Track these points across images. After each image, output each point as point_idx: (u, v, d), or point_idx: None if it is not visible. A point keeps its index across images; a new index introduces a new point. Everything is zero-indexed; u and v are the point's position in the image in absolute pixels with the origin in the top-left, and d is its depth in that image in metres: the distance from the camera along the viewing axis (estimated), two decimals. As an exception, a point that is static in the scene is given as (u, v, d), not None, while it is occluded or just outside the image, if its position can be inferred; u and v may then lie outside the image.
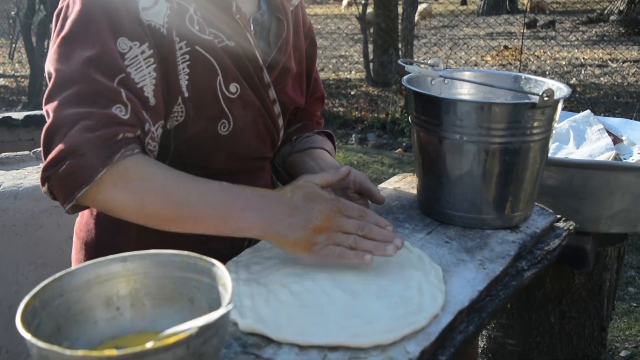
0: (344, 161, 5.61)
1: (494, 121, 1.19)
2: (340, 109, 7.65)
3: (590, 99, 7.61)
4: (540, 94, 1.15)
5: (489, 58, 10.41)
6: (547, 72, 9.19)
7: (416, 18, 14.34)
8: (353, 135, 6.61)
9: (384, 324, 0.93)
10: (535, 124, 1.21)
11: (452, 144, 1.24)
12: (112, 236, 1.24)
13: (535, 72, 9.21)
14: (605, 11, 14.51)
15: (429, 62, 1.43)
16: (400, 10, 7.76)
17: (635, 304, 3.30)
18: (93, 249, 1.27)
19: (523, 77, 1.41)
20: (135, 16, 1.04)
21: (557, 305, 1.82)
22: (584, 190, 1.56)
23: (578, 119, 2.09)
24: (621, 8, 13.82)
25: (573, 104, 7.15)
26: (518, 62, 9.66)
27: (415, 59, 1.34)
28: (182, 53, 1.09)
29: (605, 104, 7.28)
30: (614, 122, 2.15)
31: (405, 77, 1.36)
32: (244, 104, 1.18)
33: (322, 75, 9.38)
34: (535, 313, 1.84)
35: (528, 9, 15.65)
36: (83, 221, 1.31)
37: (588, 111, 2.13)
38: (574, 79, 8.82)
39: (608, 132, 2.04)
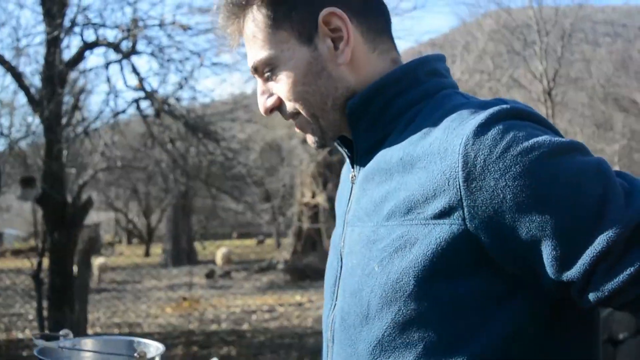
0: None
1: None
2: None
3: (258, 342, 8.34)
4: (135, 355, 1.49)
5: (169, 309, 10.82)
6: (223, 320, 9.89)
7: (96, 272, 14.15)
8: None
9: None
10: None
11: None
12: None
13: (212, 321, 9.82)
14: (273, 260, 16.41)
15: (60, 333, 1.68)
16: (75, 268, 7.86)
17: None
18: None
19: (136, 341, 1.75)
20: None
21: None
22: None
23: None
24: (287, 257, 15.79)
25: (242, 349, 7.75)
26: (197, 312, 10.25)
27: (48, 333, 1.57)
28: None
29: (270, 347, 8.02)
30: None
31: (36, 350, 1.58)
32: None
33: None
34: None
35: (219, 264, 16.75)
36: None
37: None
38: (246, 324, 9.61)
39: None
